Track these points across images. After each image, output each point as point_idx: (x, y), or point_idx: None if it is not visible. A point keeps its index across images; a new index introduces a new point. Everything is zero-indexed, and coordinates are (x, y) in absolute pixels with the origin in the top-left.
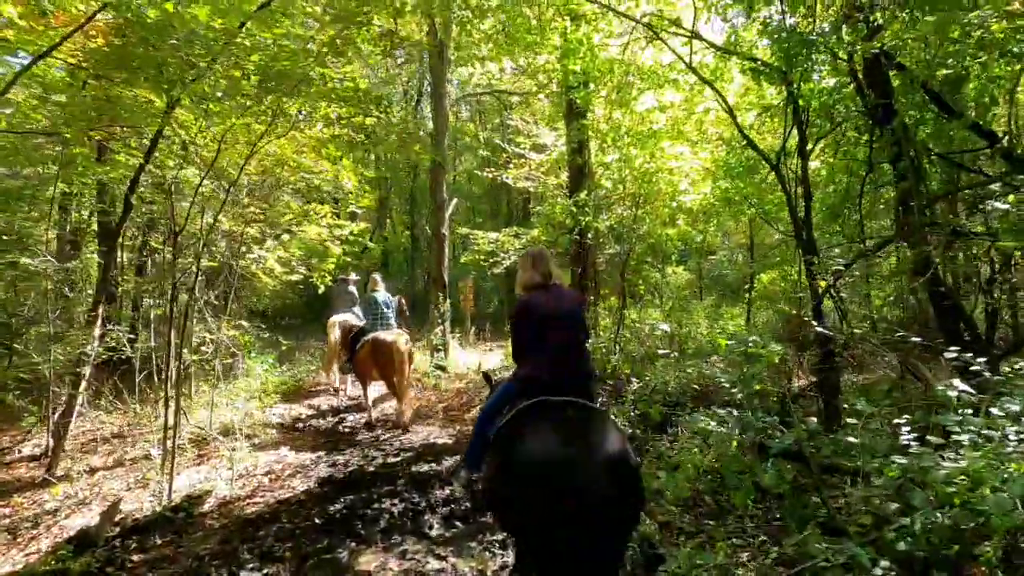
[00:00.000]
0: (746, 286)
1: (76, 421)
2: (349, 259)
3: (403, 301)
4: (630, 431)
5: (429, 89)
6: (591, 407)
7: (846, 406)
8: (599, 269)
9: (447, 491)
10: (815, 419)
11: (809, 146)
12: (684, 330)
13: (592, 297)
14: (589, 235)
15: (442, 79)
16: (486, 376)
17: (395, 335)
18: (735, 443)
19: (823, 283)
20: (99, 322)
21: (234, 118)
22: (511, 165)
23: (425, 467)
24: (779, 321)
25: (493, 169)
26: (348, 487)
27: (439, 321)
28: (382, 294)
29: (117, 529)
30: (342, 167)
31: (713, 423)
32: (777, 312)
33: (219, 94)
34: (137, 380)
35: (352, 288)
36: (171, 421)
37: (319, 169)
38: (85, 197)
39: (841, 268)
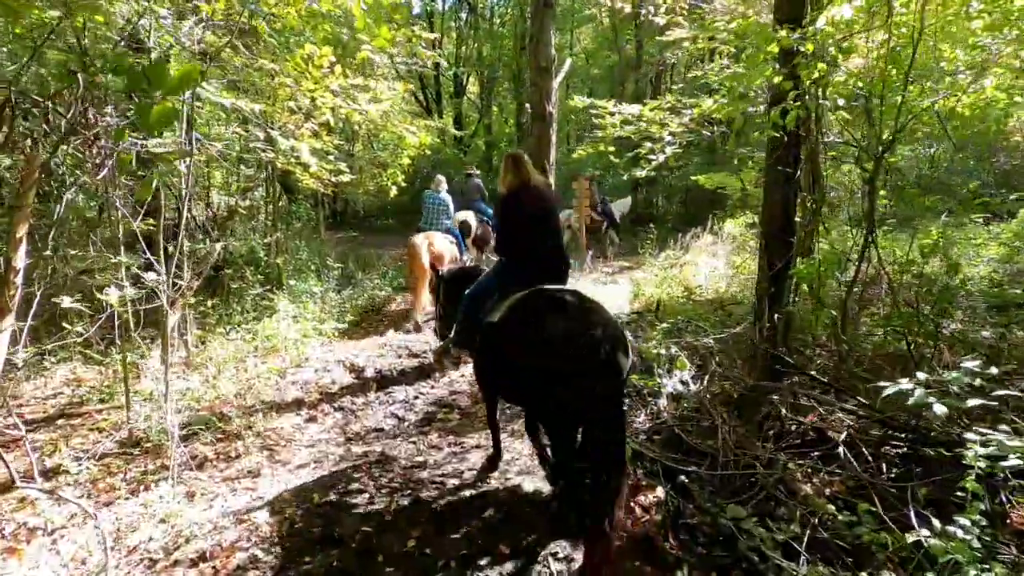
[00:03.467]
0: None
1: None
2: (429, 152)
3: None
4: None
5: None
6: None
7: None
8: (821, 175)
9: None
10: None
11: None
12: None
13: (807, 224)
14: (821, 100)
15: None
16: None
17: (426, 235)
18: None
19: None
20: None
21: None
22: None
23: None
24: None
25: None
26: None
27: None
28: (441, 195)
29: None
30: None
31: None
32: None
33: None
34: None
35: (478, 181)
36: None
37: None
38: None
39: None
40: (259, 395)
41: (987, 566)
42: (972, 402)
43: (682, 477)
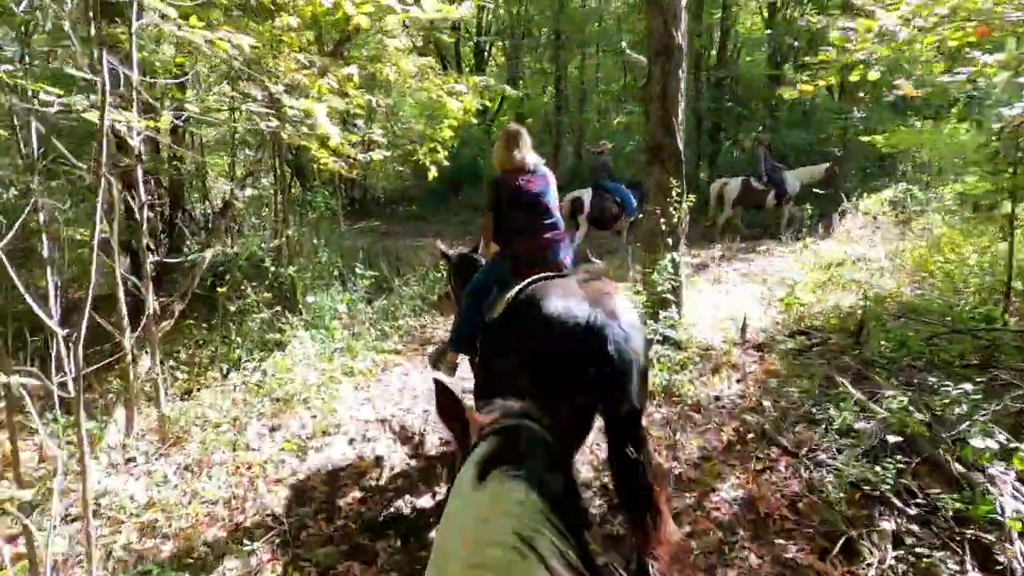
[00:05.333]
0: None
1: None
2: (475, 120)
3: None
4: None
5: None
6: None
7: None
8: None
9: None
10: None
11: None
12: None
13: None
14: None
15: None
16: (444, 254)
17: None
18: None
19: None
20: None
21: None
22: None
23: None
24: None
25: None
26: None
27: (667, 239)
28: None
29: None
30: None
31: None
32: None
33: None
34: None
35: (606, 159)
36: None
37: None
38: None
39: None
40: (264, 501)
41: None
42: None
43: None
